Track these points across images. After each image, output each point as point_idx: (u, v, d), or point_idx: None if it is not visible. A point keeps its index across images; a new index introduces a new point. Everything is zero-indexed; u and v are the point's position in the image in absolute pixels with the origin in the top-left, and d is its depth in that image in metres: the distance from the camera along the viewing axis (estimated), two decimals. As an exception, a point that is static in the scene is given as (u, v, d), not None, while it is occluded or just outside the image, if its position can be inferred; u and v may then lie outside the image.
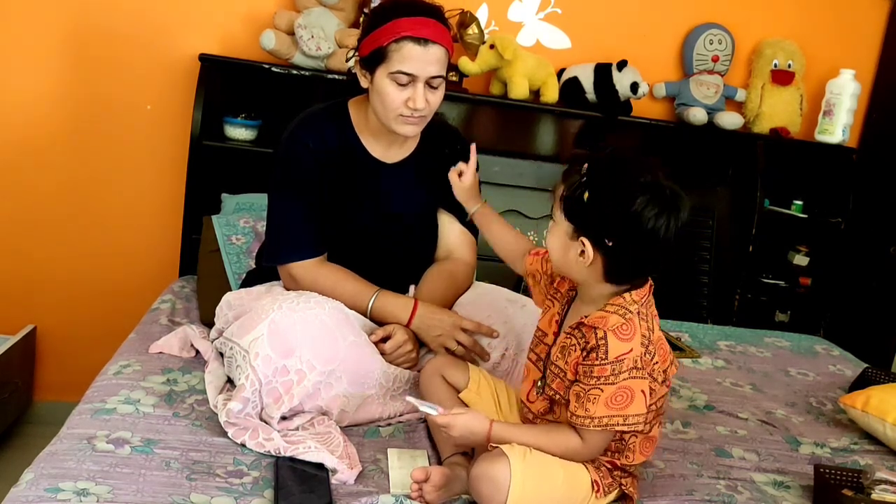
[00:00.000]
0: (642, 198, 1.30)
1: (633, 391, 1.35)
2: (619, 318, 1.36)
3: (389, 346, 1.75)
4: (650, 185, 1.31)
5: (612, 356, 1.34)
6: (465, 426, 1.40)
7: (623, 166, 1.35)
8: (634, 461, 1.45)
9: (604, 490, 1.42)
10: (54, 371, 2.77)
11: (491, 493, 1.33)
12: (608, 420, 1.35)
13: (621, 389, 1.34)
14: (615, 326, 1.35)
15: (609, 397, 1.34)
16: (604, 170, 1.34)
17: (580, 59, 2.82)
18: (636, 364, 1.35)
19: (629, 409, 1.35)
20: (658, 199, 1.31)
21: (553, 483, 1.37)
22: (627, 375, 1.34)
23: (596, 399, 1.34)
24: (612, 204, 1.31)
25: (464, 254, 1.98)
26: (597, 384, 1.34)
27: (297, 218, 1.82)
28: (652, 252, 1.35)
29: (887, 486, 1.55)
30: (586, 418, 1.35)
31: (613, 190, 1.32)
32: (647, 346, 1.37)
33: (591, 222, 1.34)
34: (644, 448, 1.46)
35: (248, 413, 1.55)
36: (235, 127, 2.55)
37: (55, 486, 1.30)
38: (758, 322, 2.89)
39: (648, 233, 1.31)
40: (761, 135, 2.91)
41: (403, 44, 1.70)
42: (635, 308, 1.37)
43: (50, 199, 2.65)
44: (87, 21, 2.56)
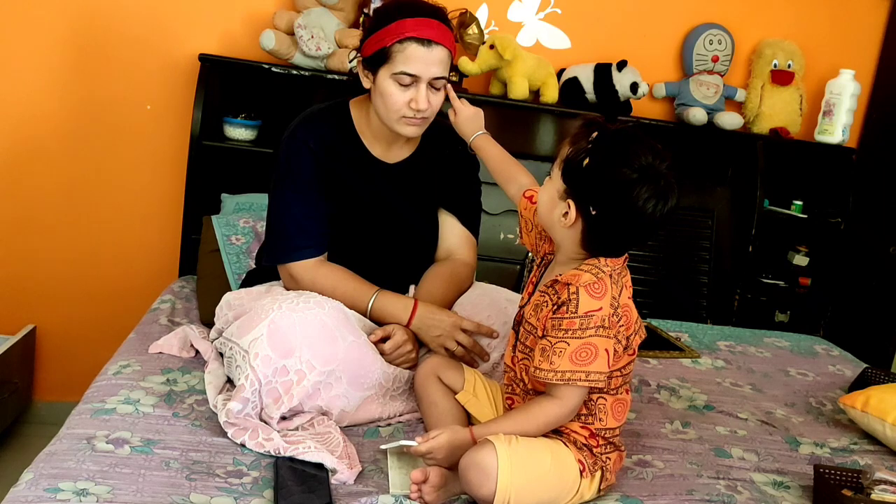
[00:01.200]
0: (636, 178, 1.34)
1: (597, 348, 1.38)
2: (591, 276, 1.40)
3: (389, 346, 1.75)
4: (648, 167, 1.35)
5: (582, 311, 1.37)
6: (448, 444, 1.41)
7: (629, 144, 1.37)
8: (608, 424, 1.47)
9: (589, 469, 1.44)
10: (54, 371, 2.77)
11: (480, 480, 1.34)
12: (570, 374, 1.38)
13: (586, 345, 1.37)
14: (587, 283, 1.39)
15: (574, 351, 1.37)
16: (610, 142, 1.37)
17: (580, 60, 2.82)
18: (603, 323, 1.38)
19: (592, 365, 1.38)
20: (651, 184, 1.35)
21: (541, 467, 1.39)
22: (594, 332, 1.37)
23: (562, 352, 1.38)
24: (606, 176, 1.35)
25: (464, 254, 1.98)
26: (564, 337, 1.38)
27: (297, 217, 1.82)
28: (631, 230, 1.40)
29: (887, 487, 1.55)
30: (549, 371, 1.39)
31: (612, 163, 1.35)
32: (615, 308, 1.41)
33: (582, 188, 1.38)
34: (616, 411, 1.48)
35: (248, 413, 1.55)
36: (235, 127, 2.56)
37: (55, 486, 1.30)
38: (757, 322, 2.89)
39: (632, 212, 1.36)
40: (761, 135, 2.91)
41: (407, 44, 1.70)
42: (608, 269, 1.42)
43: (50, 198, 2.65)
44: (86, 21, 2.56)
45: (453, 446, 1.42)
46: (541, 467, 1.39)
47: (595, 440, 1.46)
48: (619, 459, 1.53)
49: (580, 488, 1.44)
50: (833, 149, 2.94)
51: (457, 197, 1.99)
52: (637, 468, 1.64)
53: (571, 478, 1.42)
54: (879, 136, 3.00)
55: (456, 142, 2.00)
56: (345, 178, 1.86)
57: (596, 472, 1.45)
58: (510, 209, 2.70)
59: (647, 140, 1.38)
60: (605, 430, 1.47)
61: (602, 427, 1.46)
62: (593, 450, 1.46)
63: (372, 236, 1.89)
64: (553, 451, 1.42)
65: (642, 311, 2.69)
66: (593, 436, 1.46)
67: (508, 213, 2.70)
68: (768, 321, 2.97)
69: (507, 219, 2.72)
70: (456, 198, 1.98)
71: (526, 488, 1.36)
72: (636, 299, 1.50)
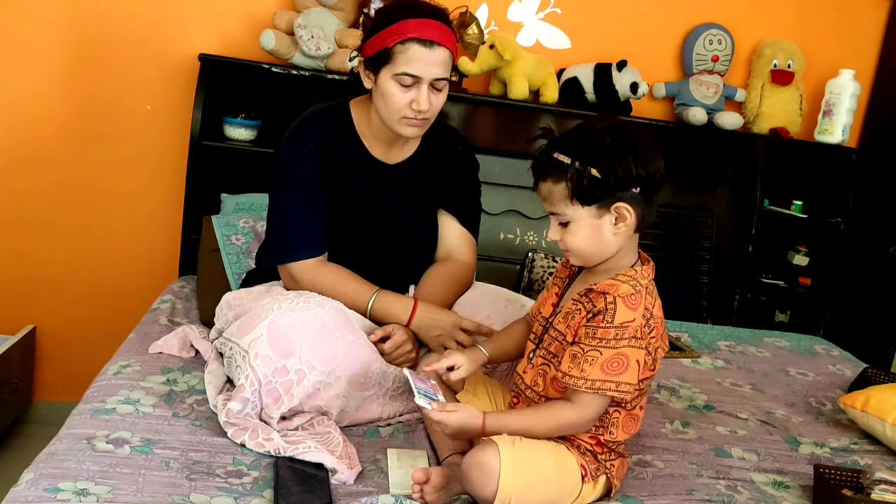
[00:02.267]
0: (625, 139, 1.38)
1: (629, 359, 1.38)
2: (629, 287, 1.40)
3: (389, 346, 1.75)
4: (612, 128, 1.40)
5: (619, 321, 1.37)
6: (460, 422, 1.41)
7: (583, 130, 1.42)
8: (617, 437, 1.47)
9: (591, 475, 1.44)
10: (54, 371, 2.77)
11: (482, 480, 1.34)
12: (601, 384, 1.37)
13: (619, 355, 1.37)
14: (625, 294, 1.39)
15: (606, 361, 1.37)
16: (582, 144, 1.40)
17: (580, 59, 2.82)
18: (636, 334, 1.38)
19: (623, 376, 1.38)
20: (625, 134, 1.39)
21: (544, 470, 1.39)
22: (627, 343, 1.37)
23: (594, 361, 1.37)
24: (619, 161, 1.37)
25: (464, 254, 1.98)
26: (597, 346, 1.37)
27: (297, 218, 1.82)
28: (659, 173, 1.41)
29: (887, 486, 1.55)
30: (580, 379, 1.38)
31: (607, 151, 1.38)
32: (647, 320, 1.40)
33: (615, 189, 1.38)
34: (627, 425, 1.48)
35: (248, 413, 1.55)
36: (235, 127, 2.56)
37: (55, 486, 1.30)
38: (757, 322, 2.89)
39: (650, 161, 1.39)
40: (761, 135, 2.91)
41: (409, 45, 1.70)
42: (645, 283, 1.42)
43: (50, 199, 2.65)
44: (86, 21, 2.56)
45: (463, 426, 1.41)
46: (543, 470, 1.39)
47: (601, 448, 1.47)
48: (623, 465, 1.53)
49: (581, 492, 1.44)
50: (833, 149, 2.94)
51: (457, 197, 1.99)
52: (637, 468, 1.64)
53: (573, 482, 1.42)
54: (879, 136, 3.00)
55: (456, 142, 2.00)
56: (345, 178, 1.86)
57: (598, 476, 1.46)
58: (510, 209, 2.70)
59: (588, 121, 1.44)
60: (614, 443, 1.48)
61: (612, 439, 1.47)
62: (598, 456, 1.46)
63: (372, 236, 1.89)
64: (555, 455, 1.42)
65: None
66: (600, 444, 1.47)
67: (508, 213, 2.70)
68: (768, 321, 2.97)
69: (507, 219, 2.72)
70: (456, 198, 1.98)
71: (527, 490, 1.36)
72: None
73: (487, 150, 2.61)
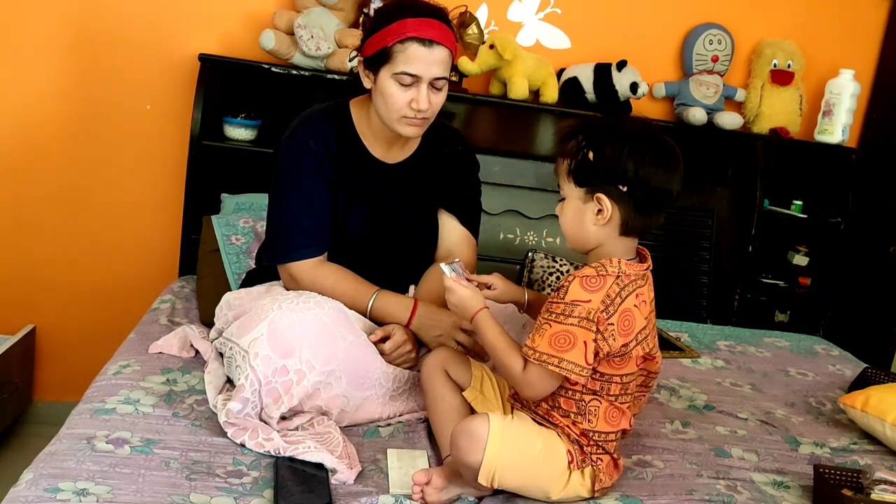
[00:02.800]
0: (639, 140, 1.41)
1: (575, 338, 1.38)
2: (592, 270, 1.42)
3: (389, 346, 1.75)
4: (641, 130, 1.43)
5: (570, 298, 1.39)
6: (462, 297, 1.52)
7: (614, 121, 1.49)
8: (597, 427, 1.46)
9: (577, 463, 1.44)
10: (54, 371, 2.77)
11: (469, 446, 1.36)
12: (546, 357, 1.39)
13: (566, 332, 1.38)
14: (584, 275, 1.41)
15: (553, 335, 1.39)
16: (599, 129, 1.44)
17: (580, 59, 2.82)
18: (588, 316, 1.38)
19: (567, 354, 1.38)
20: (652, 143, 1.42)
21: (531, 449, 1.40)
22: (577, 322, 1.38)
23: (543, 333, 1.40)
24: (616, 152, 1.40)
25: (464, 254, 1.98)
26: (548, 319, 1.41)
27: (297, 218, 1.82)
28: (659, 192, 1.42)
29: (887, 486, 1.55)
30: (530, 349, 1.41)
31: (612, 140, 1.41)
32: (607, 306, 1.40)
33: (601, 176, 1.41)
34: (610, 416, 1.47)
35: (248, 413, 1.55)
36: (235, 127, 2.56)
37: (55, 486, 1.30)
38: (757, 322, 2.89)
39: (652, 170, 1.40)
40: (761, 135, 2.91)
41: (409, 45, 1.70)
42: (614, 271, 1.42)
43: (50, 199, 2.65)
44: (86, 22, 2.56)
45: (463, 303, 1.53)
46: (530, 450, 1.40)
47: (585, 439, 1.46)
48: (615, 467, 1.51)
49: (570, 480, 1.44)
50: (833, 149, 2.94)
51: (457, 197, 1.99)
52: (637, 468, 1.64)
53: (560, 467, 1.43)
54: (879, 135, 3.00)
55: (456, 142, 2.00)
56: (345, 178, 1.86)
57: (585, 467, 1.46)
58: (510, 209, 2.70)
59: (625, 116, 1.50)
60: (595, 433, 1.47)
61: (590, 429, 1.46)
62: (584, 448, 1.46)
63: (372, 236, 1.89)
64: (545, 438, 1.44)
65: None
66: (583, 435, 1.47)
67: (508, 213, 2.70)
68: (768, 321, 2.97)
69: (507, 219, 2.72)
70: (456, 198, 1.98)
71: (512, 467, 1.38)
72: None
73: (487, 150, 2.61)
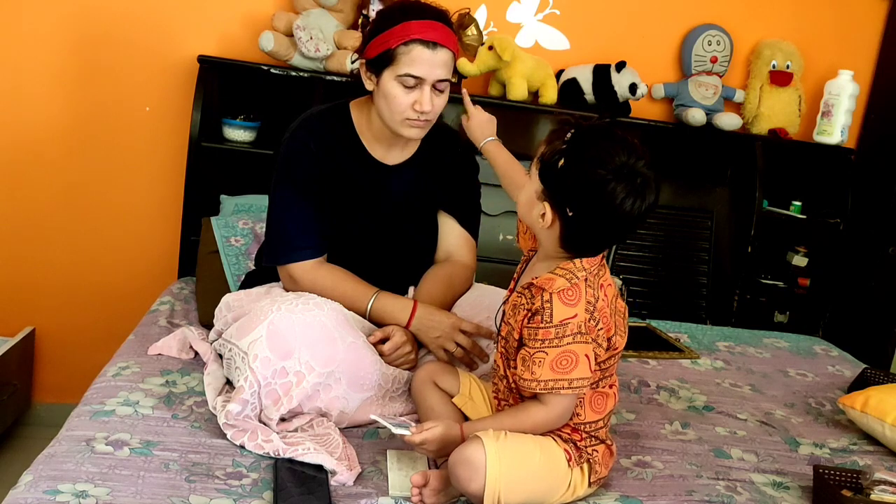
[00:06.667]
0: (611, 178, 1.33)
1: (577, 355, 1.37)
2: (565, 281, 1.38)
3: (388, 347, 1.75)
4: (623, 166, 1.33)
5: (557, 319, 1.37)
6: (440, 437, 1.43)
7: (603, 143, 1.35)
8: (587, 417, 1.46)
9: (575, 460, 1.44)
10: (53, 373, 2.76)
11: (469, 475, 1.35)
12: (553, 383, 1.37)
13: (566, 353, 1.37)
14: (560, 290, 1.38)
15: (553, 360, 1.37)
16: (585, 142, 1.36)
17: (579, 61, 2.82)
18: (580, 329, 1.37)
19: (573, 372, 1.37)
20: (627, 183, 1.33)
21: (531, 463, 1.39)
22: (571, 339, 1.37)
23: (541, 362, 1.37)
24: (582, 177, 1.34)
25: (463, 256, 1.98)
26: (542, 347, 1.37)
27: (297, 219, 1.82)
28: (609, 230, 1.39)
29: (886, 487, 1.55)
30: (532, 381, 1.38)
31: (587, 164, 1.34)
32: (591, 313, 1.39)
33: (558, 189, 1.37)
34: (596, 404, 1.47)
35: (247, 415, 1.55)
36: (234, 128, 2.55)
37: (54, 488, 1.30)
38: (757, 323, 2.89)
39: (609, 211, 1.35)
40: (760, 136, 2.91)
41: (412, 47, 1.70)
42: (583, 275, 1.40)
43: (49, 200, 2.65)
44: (85, 24, 2.56)
45: (445, 440, 1.43)
46: (530, 462, 1.39)
47: (578, 434, 1.46)
48: (609, 454, 1.52)
49: (572, 481, 1.44)
50: (832, 149, 2.94)
51: (456, 199, 1.99)
52: (637, 469, 1.64)
53: (562, 471, 1.43)
54: (878, 136, 3.00)
55: (456, 144, 2.00)
56: (345, 179, 1.86)
57: (582, 462, 1.46)
58: (509, 210, 2.70)
59: (622, 137, 1.36)
60: (585, 424, 1.47)
61: (581, 421, 1.46)
62: (577, 444, 1.46)
63: (372, 238, 1.89)
64: (542, 446, 1.43)
65: (641, 311, 2.70)
66: (575, 430, 1.46)
67: (508, 214, 2.70)
68: (767, 322, 2.97)
69: (507, 220, 2.72)
70: (455, 200, 1.98)
71: (515, 483, 1.36)
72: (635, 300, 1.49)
73: (487, 152, 2.61)
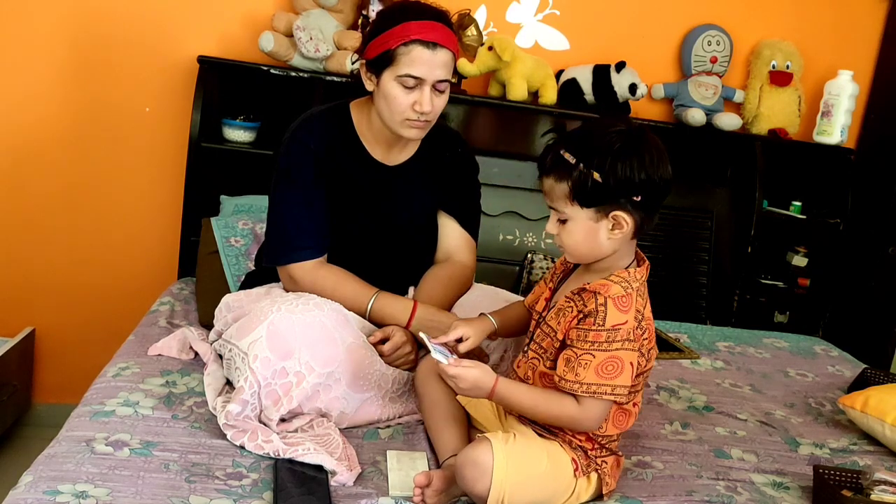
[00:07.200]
0: (635, 145, 1.37)
1: (623, 362, 1.38)
2: (621, 289, 1.39)
3: (388, 347, 1.75)
4: (627, 133, 1.39)
5: (610, 324, 1.37)
6: (474, 379, 1.41)
7: (595, 130, 1.42)
8: (607, 431, 1.47)
9: (582, 469, 1.44)
10: (53, 373, 2.76)
11: (475, 476, 1.35)
12: (597, 388, 1.37)
13: (613, 358, 1.37)
14: (617, 295, 1.38)
15: (600, 364, 1.37)
16: (590, 146, 1.39)
17: (579, 61, 2.82)
18: (629, 336, 1.38)
19: (618, 379, 1.38)
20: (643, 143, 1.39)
21: (538, 467, 1.39)
22: (620, 346, 1.37)
23: (587, 364, 1.37)
24: (625, 167, 1.36)
25: (463, 256, 1.98)
26: (590, 349, 1.37)
27: (297, 219, 1.82)
28: (665, 187, 1.41)
29: (886, 487, 1.55)
30: (575, 383, 1.38)
31: (614, 155, 1.36)
32: (639, 322, 1.41)
33: (614, 195, 1.38)
34: (617, 420, 1.48)
35: (247, 415, 1.55)
36: (234, 129, 2.55)
37: (54, 488, 1.30)
38: (757, 323, 2.89)
39: (657, 169, 1.38)
40: (760, 136, 2.91)
41: (413, 47, 1.70)
42: (636, 285, 1.42)
43: (49, 201, 2.65)
44: (85, 24, 2.56)
45: (477, 383, 1.42)
46: (537, 467, 1.39)
47: (591, 444, 1.47)
48: (617, 465, 1.53)
49: (576, 488, 1.44)
50: (831, 149, 2.95)
51: (456, 199, 1.99)
52: (637, 469, 1.64)
53: (567, 478, 1.43)
54: (877, 136, 3.00)
55: (456, 144, 2.00)
56: (345, 179, 1.86)
57: (590, 472, 1.46)
58: (509, 210, 2.70)
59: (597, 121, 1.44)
60: (603, 437, 1.48)
61: (601, 434, 1.47)
62: (588, 452, 1.46)
63: (372, 238, 1.89)
64: (549, 452, 1.43)
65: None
66: (590, 440, 1.47)
67: (507, 214, 2.70)
68: (767, 322, 2.97)
69: (506, 220, 2.72)
70: (455, 200, 1.98)
71: (521, 487, 1.36)
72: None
73: (487, 152, 2.61)
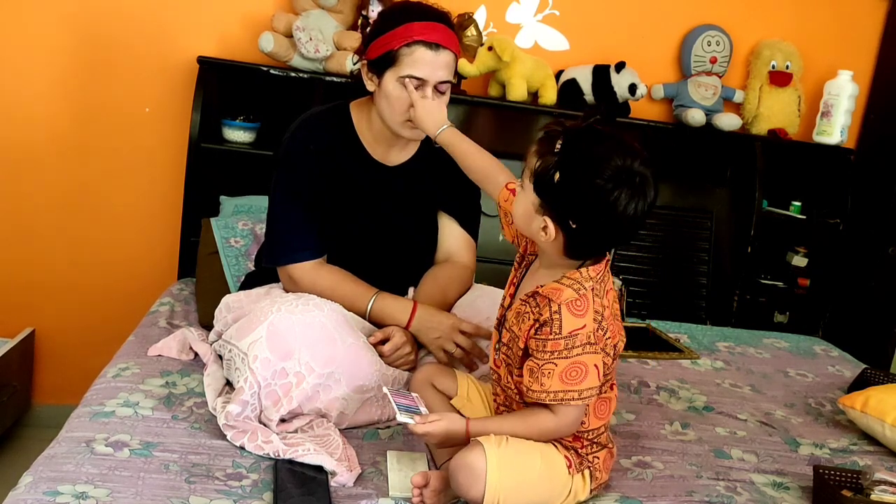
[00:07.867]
0: (612, 185, 1.29)
1: (586, 366, 1.36)
2: (573, 292, 1.36)
3: (388, 348, 1.75)
4: (621, 170, 1.30)
5: (567, 331, 1.35)
6: (444, 430, 1.42)
7: (597, 149, 1.32)
8: (591, 426, 1.46)
9: (575, 466, 1.44)
10: (53, 374, 2.76)
11: (469, 481, 1.34)
12: (563, 395, 1.37)
13: (575, 364, 1.36)
14: (569, 301, 1.35)
15: (563, 372, 1.36)
16: (577, 151, 1.32)
17: (578, 61, 2.82)
18: (589, 339, 1.36)
19: (583, 384, 1.37)
20: (627, 187, 1.30)
21: (532, 469, 1.39)
22: (581, 351, 1.36)
23: (550, 373, 1.36)
24: (581, 190, 1.31)
25: (463, 256, 1.98)
26: (550, 358, 1.36)
27: (297, 220, 1.82)
28: (614, 234, 1.37)
29: (886, 487, 1.55)
30: (542, 392, 1.37)
31: (584, 175, 1.30)
32: (599, 322, 1.39)
33: (557, 203, 1.34)
34: (599, 410, 1.46)
35: (247, 415, 1.55)
36: (234, 129, 2.56)
37: (54, 489, 1.30)
38: (757, 323, 2.89)
39: (613, 218, 1.32)
40: (759, 136, 2.91)
41: (415, 48, 1.71)
42: (590, 284, 1.38)
43: (49, 201, 2.65)
44: (85, 24, 2.56)
45: (449, 434, 1.42)
46: (531, 469, 1.39)
47: (580, 442, 1.46)
48: (609, 456, 1.52)
49: (573, 488, 1.44)
50: (831, 150, 2.95)
51: (456, 200, 1.99)
52: (637, 469, 1.64)
53: (562, 479, 1.43)
54: (877, 137, 3.00)
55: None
56: (345, 180, 1.86)
57: (583, 469, 1.46)
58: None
59: (614, 138, 1.33)
60: (589, 432, 1.47)
61: (585, 429, 1.46)
62: (578, 451, 1.46)
63: (371, 238, 1.89)
64: (543, 453, 1.42)
65: (641, 311, 2.70)
66: (577, 438, 1.46)
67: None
68: (767, 322, 2.97)
69: (506, 220, 2.71)
70: (455, 201, 1.98)
71: (515, 490, 1.36)
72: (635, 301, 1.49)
73: (486, 152, 2.61)
